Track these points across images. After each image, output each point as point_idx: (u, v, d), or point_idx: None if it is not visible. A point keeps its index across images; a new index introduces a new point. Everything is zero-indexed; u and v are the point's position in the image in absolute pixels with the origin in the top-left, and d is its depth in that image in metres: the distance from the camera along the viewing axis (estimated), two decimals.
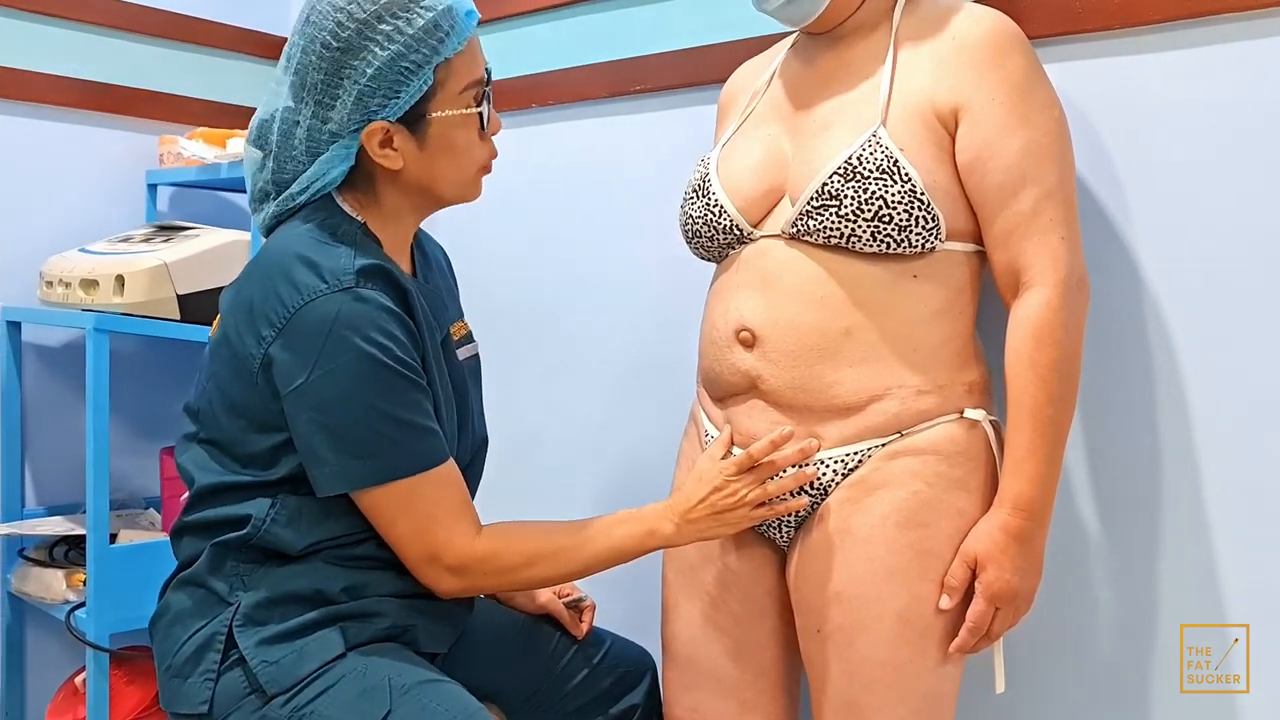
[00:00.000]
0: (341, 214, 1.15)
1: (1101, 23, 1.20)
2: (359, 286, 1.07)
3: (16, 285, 1.95)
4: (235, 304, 1.12)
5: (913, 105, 1.12)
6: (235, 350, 1.10)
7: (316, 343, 1.05)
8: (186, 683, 1.11)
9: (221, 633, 1.10)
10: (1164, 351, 1.19)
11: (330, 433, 1.07)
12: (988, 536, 1.09)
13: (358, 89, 1.09)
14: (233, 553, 1.13)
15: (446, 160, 1.15)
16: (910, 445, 1.12)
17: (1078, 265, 1.10)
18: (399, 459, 1.08)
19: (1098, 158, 1.22)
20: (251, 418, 1.11)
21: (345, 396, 1.06)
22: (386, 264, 1.12)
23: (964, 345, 1.16)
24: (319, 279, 1.07)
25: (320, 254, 1.09)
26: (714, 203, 1.21)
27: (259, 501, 1.12)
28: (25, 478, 1.99)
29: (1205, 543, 1.16)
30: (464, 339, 1.29)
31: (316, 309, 1.06)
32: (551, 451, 1.77)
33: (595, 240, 1.76)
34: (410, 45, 1.09)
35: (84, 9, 2.01)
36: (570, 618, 1.37)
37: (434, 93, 1.11)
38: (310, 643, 1.09)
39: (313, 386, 1.06)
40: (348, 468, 1.08)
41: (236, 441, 1.13)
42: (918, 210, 1.09)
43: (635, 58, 1.68)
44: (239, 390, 1.11)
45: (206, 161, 1.92)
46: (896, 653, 1.11)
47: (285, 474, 1.11)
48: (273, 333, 1.07)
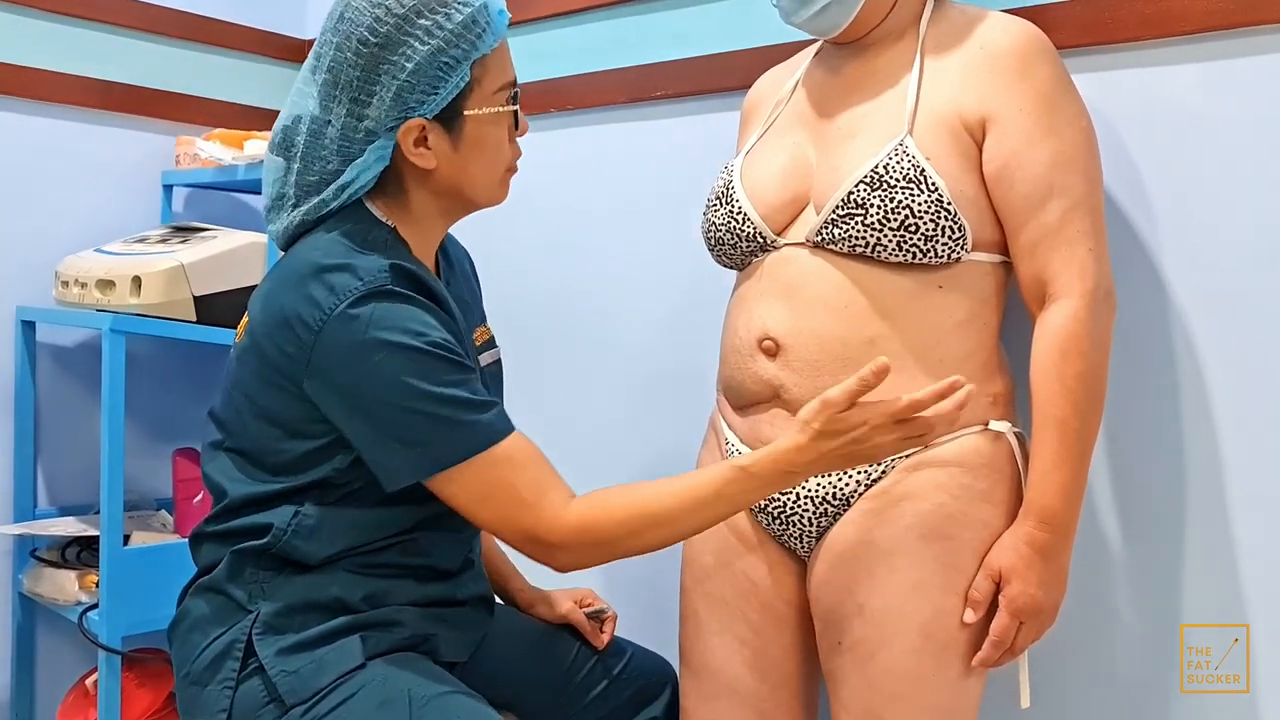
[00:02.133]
0: (372, 219, 1.14)
1: (1131, 33, 1.19)
2: (392, 284, 1.06)
3: (32, 285, 1.95)
4: (265, 311, 1.11)
5: (939, 115, 1.12)
6: (267, 358, 1.09)
7: (355, 343, 1.04)
8: (205, 690, 1.10)
9: (241, 640, 1.10)
10: (1190, 364, 1.18)
11: (383, 428, 1.05)
12: (1012, 550, 1.08)
13: (397, 85, 1.08)
14: (252, 560, 1.12)
15: (478, 160, 1.14)
16: (934, 457, 1.11)
17: (1105, 277, 1.10)
18: (460, 438, 1.05)
19: (1126, 170, 1.21)
20: (285, 425, 1.10)
21: (390, 389, 1.04)
22: (416, 266, 1.11)
23: (989, 357, 1.15)
24: (355, 278, 1.06)
25: (353, 259, 1.08)
26: (738, 210, 1.20)
27: (283, 510, 1.11)
28: (38, 478, 1.99)
29: (1205, 543, 1.16)
30: (486, 344, 1.28)
31: (352, 311, 1.04)
32: (569, 457, 1.76)
33: (614, 246, 1.76)
34: (450, 40, 1.08)
35: (102, 10, 2.01)
36: (591, 628, 1.36)
37: (470, 90, 1.11)
38: (330, 652, 1.09)
39: (357, 387, 1.05)
40: (409, 458, 1.05)
41: (268, 450, 1.12)
42: (944, 220, 1.08)
43: (656, 64, 1.68)
44: (271, 397, 1.10)
45: (223, 163, 1.92)
46: (919, 666, 1.10)
47: (315, 479, 1.10)
48: (312, 336, 1.05)
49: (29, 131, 1.95)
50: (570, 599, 1.38)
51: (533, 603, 1.38)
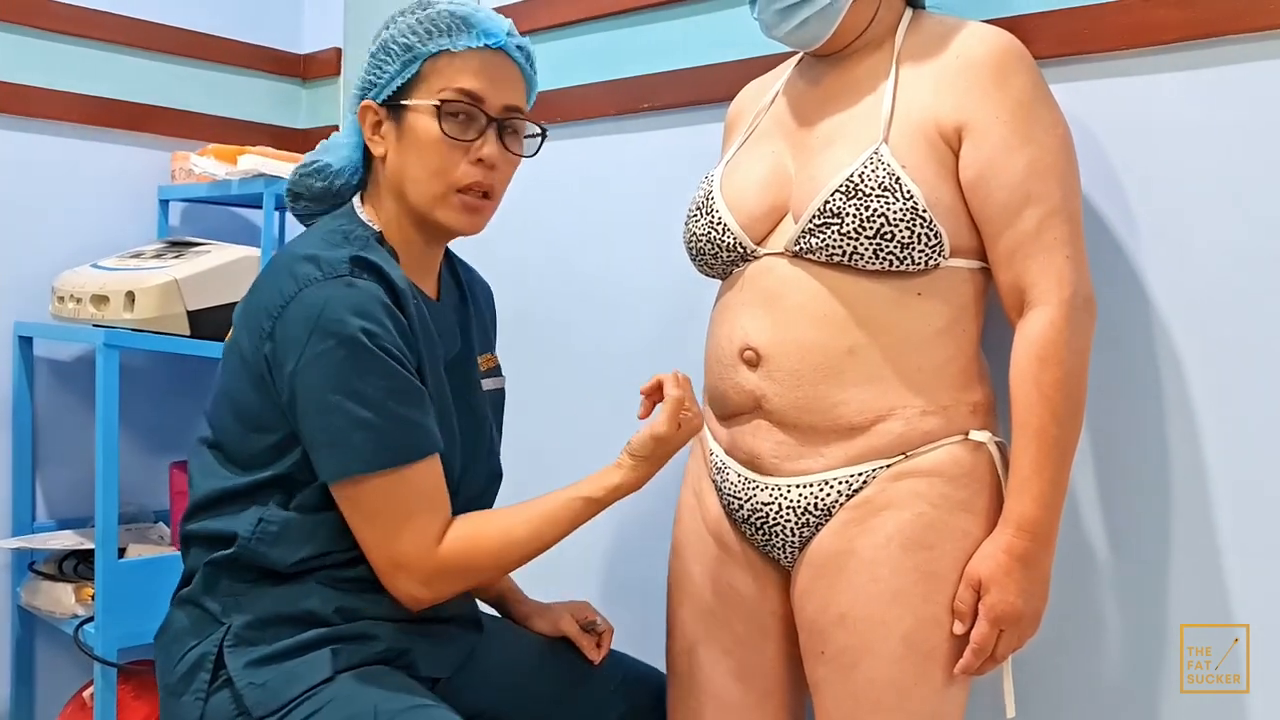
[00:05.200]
0: (357, 220, 1.19)
1: (1108, 43, 1.20)
2: (352, 275, 1.08)
3: (29, 300, 1.97)
4: (245, 307, 1.15)
5: (916, 122, 1.12)
6: (242, 351, 1.12)
7: (306, 327, 1.06)
8: (180, 700, 1.12)
9: (212, 653, 1.11)
10: (1171, 370, 1.18)
11: (315, 417, 1.07)
12: (991, 558, 1.08)
13: (364, 66, 1.18)
14: (226, 572, 1.14)
15: (413, 157, 1.16)
16: (915, 466, 1.12)
17: (1084, 284, 1.10)
18: (376, 449, 1.06)
19: (1104, 178, 1.21)
20: (249, 417, 1.12)
21: (328, 380, 1.05)
22: (382, 262, 1.12)
23: (968, 364, 1.15)
24: (315, 268, 1.09)
25: (322, 251, 1.11)
26: (718, 220, 1.21)
27: (247, 515, 1.12)
28: (36, 491, 2.01)
29: (1205, 543, 1.15)
30: (490, 371, 1.31)
31: (308, 295, 1.07)
32: (554, 467, 1.77)
33: (601, 257, 1.76)
34: (404, 30, 1.15)
35: (98, 27, 2.04)
36: (587, 642, 1.35)
37: (415, 84, 1.15)
38: (299, 665, 1.09)
39: (301, 371, 1.06)
40: (329, 456, 1.07)
41: (236, 442, 1.14)
42: (920, 227, 1.09)
43: (643, 76, 1.69)
44: (242, 390, 1.12)
45: (217, 178, 1.94)
46: (901, 675, 1.10)
47: (275, 474, 1.11)
48: (270, 323, 1.08)
49: (26, 148, 1.97)
50: (567, 612, 1.37)
51: (529, 616, 1.38)
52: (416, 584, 1.10)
